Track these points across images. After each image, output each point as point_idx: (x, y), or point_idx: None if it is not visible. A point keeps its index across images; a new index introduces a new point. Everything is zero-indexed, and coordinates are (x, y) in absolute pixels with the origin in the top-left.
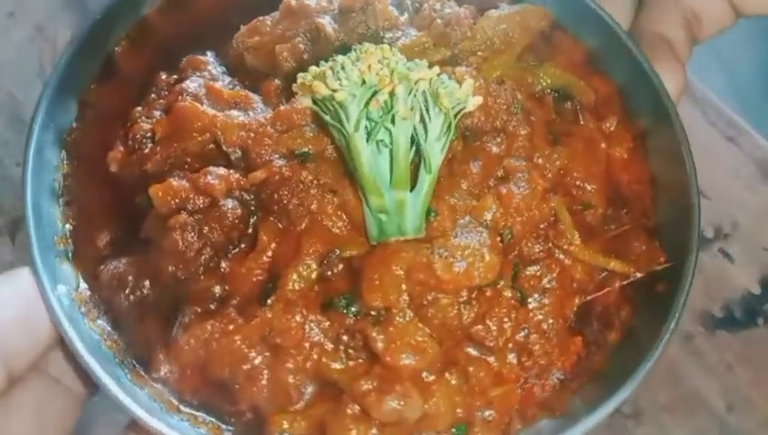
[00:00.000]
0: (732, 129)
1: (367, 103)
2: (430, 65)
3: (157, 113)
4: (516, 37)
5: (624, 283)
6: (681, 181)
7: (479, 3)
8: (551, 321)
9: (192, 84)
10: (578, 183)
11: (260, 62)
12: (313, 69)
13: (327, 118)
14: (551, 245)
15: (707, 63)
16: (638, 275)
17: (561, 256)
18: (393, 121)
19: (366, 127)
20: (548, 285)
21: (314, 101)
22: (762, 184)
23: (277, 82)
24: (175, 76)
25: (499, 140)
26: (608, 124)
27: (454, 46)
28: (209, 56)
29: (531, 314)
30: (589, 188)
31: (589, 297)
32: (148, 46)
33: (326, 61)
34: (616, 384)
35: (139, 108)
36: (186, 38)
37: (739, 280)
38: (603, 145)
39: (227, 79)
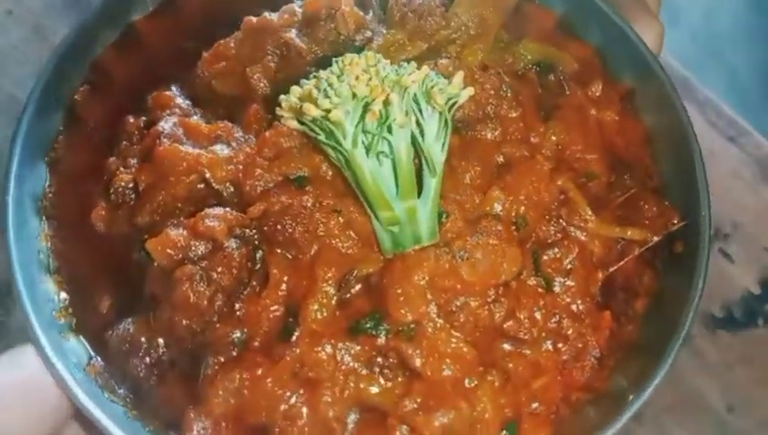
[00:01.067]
0: (732, 129)
1: (362, 117)
2: (408, 61)
3: (133, 161)
4: (490, 18)
5: (643, 249)
6: (678, 132)
7: None
8: (579, 301)
9: (166, 124)
10: (578, 155)
11: (230, 87)
12: (296, 89)
13: (321, 138)
14: (564, 224)
15: (708, 64)
16: (656, 238)
17: (578, 234)
18: (390, 131)
19: (363, 141)
20: (570, 266)
21: (301, 122)
22: (762, 184)
23: (254, 106)
24: (144, 118)
25: (492, 126)
26: (593, 89)
27: (430, 38)
28: (174, 90)
29: (559, 299)
30: (589, 158)
31: (611, 269)
32: (108, 89)
33: (306, 78)
34: (653, 355)
35: (113, 158)
36: (145, 75)
37: (739, 280)
38: (593, 111)
39: (199, 111)
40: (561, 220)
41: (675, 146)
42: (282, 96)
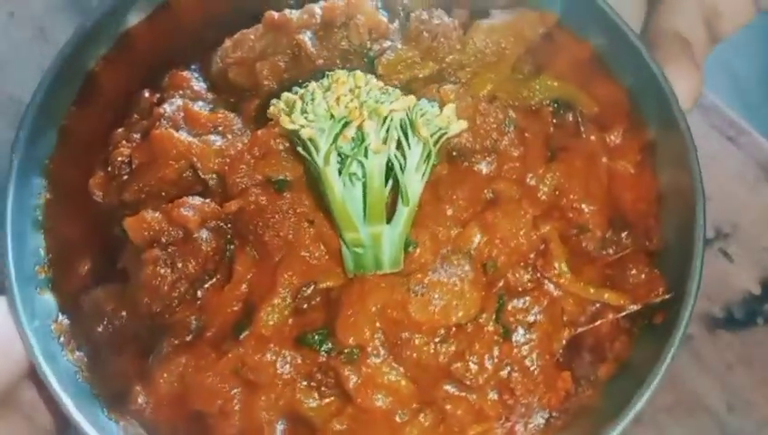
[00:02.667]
0: (732, 129)
1: (336, 137)
2: (416, 81)
3: (136, 136)
4: (509, 48)
5: (618, 316)
6: (688, 199)
7: (473, 8)
8: (535, 357)
9: (170, 108)
10: (575, 205)
11: (243, 78)
12: (286, 96)
13: (298, 148)
14: (539, 275)
15: (708, 65)
16: (634, 307)
17: (551, 288)
18: (366, 154)
19: (337, 160)
20: (534, 319)
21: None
22: (762, 184)
23: (257, 102)
24: (158, 95)
25: (488, 160)
26: (613, 136)
27: (441, 60)
28: (193, 72)
29: (515, 351)
30: (587, 209)
31: (579, 330)
32: (130, 63)
33: (307, 82)
34: (607, 419)
35: (121, 129)
36: (170, 53)
37: (739, 280)
38: (605, 160)
39: (210, 96)
40: (537, 270)
41: (682, 211)
42: (273, 100)
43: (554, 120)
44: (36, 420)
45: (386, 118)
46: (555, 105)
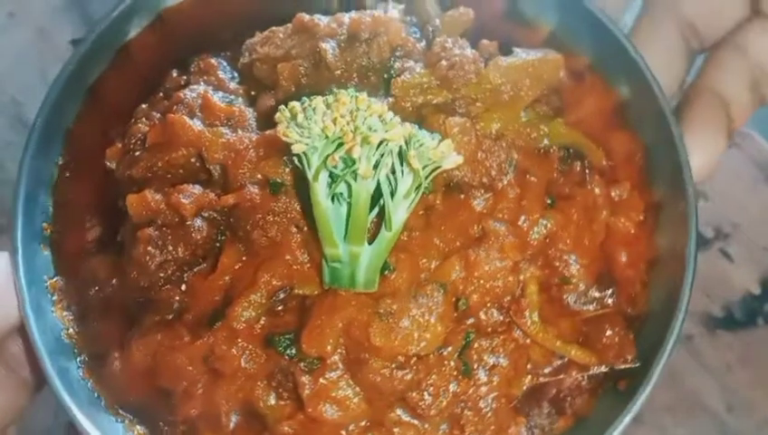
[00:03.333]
0: None
1: (328, 156)
2: (428, 107)
3: (157, 115)
4: (524, 89)
5: (582, 374)
6: (678, 270)
7: (503, 41)
8: (491, 399)
9: (190, 94)
10: (564, 256)
11: (265, 75)
12: (293, 105)
13: (294, 158)
14: (510, 320)
15: None
16: (600, 369)
17: (520, 334)
18: (354, 177)
19: (327, 178)
20: (498, 362)
21: None
22: (762, 185)
23: (271, 102)
24: (185, 77)
25: (485, 196)
26: (619, 190)
27: (456, 91)
28: (222, 60)
29: (472, 389)
30: (573, 262)
31: (540, 380)
32: (166, 39)
33: (322, 91)
34: None
35: (144, 105)
36: (206, 37)
37: (739, 280)
38: (605, 214)
39: (233, 87)
40: (509, 314)
41: (671, 281)
42: (281, 106)
43: (561, 167)
44: (19, 373)
45: (380, 144)
46: (564, 152)
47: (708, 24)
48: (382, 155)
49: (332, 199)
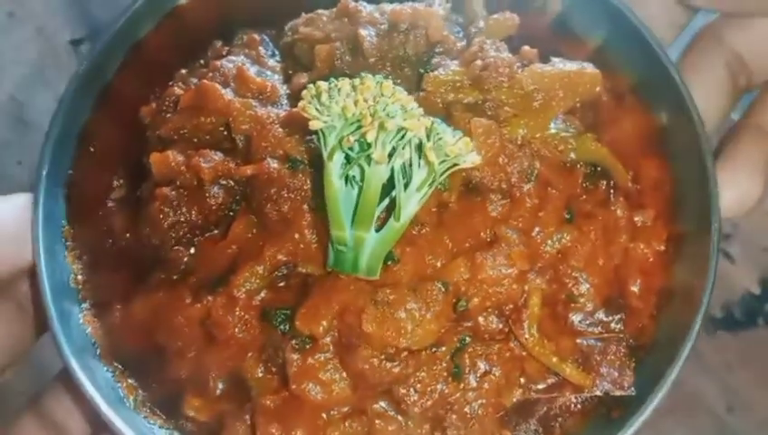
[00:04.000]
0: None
1: (344, 138)
2: (458, 105)
3: (194, 81)
4: (558, 99)
5: (573, 396)
6: (690, 307)
7: (544, 50)
8: (477, 406)
9: (227, 64)
10: (574, 273)
11: (303, 54)
12: (319, 84)
13: (313, 136)
14: (509, 329)
15: None
16: (596, 392)
17: (516, 345)
18: (368, 162)
19: (341, 160)
20: (490, 370)
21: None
22: None
23: (304, 81)
24: (227, 48)
25: (502, 202)
26: (642, 217)
27: (487, 92)
28: (265, 36)
29: (459, 393)
30: (584, 281)
31: (532, 395)
32: (216, 8)
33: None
34: None
35: (184, 71)
36: (257, 11)
37: (739, 280)
38: (624, 238)
39: (271, 63)
40: (509, 322)
41: (681, 316)
42: (309, 84)
43: (586, 184)
44: (28, 311)
45: (398, 133)
46: (591, 169)
47: (758, 60)
48: (400, 143)
49: (345, 182)
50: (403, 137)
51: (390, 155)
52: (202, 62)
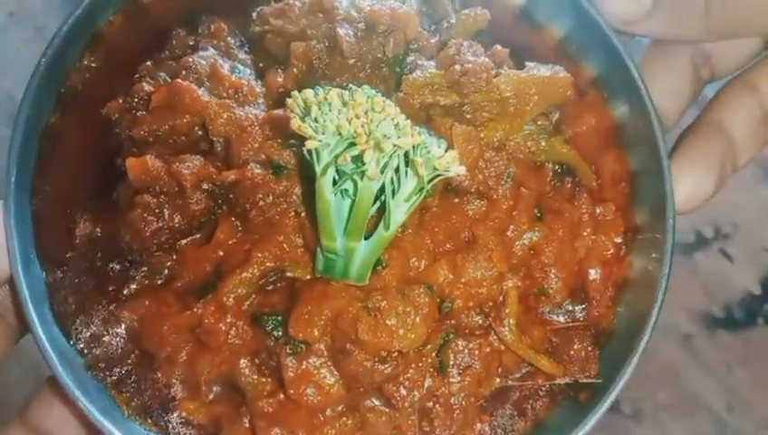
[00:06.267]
0: None
1: (339, 154)
2: (436, 108)
3: (162, 75)
4: (532, 104)
5: (545, 383)
6: (647, 294)
7: (513, 49)
8: (461, 397)
9: (199, 61)
10: (545, 268)
11: (276, 49)
12: (306, 95)
13: (303, 149)
14: (489, 324)
15: None
16: (563, 380)
17: (495, 338)
18: (361, 177)
19: (334, 174)
20: (472, 363)
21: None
22: (762, 184)
23: (280, 80)
24: (193, 38)
25: (477, 204)
26: (603, 210)
27: (465, 96)
28: (232, 24)
29: (444, 386)
30: (554, 275)
31: (508, 383)
32: None
33: (334, 78)
34: None
35: (149, 63)
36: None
37: (739, 280)
38: (588, 232)
39: (241, 55)
40: (488, 318)
41: (640, 303)
42: (294, 92)
43: (554, 181)
44: (5, 318)
45: (380, 151)
46: (558, 167)
47: (721, 53)
48: (390, 157)
49: (336, 195)
50: (395, 152)
51: (382, 170)
52: (167, 53)
